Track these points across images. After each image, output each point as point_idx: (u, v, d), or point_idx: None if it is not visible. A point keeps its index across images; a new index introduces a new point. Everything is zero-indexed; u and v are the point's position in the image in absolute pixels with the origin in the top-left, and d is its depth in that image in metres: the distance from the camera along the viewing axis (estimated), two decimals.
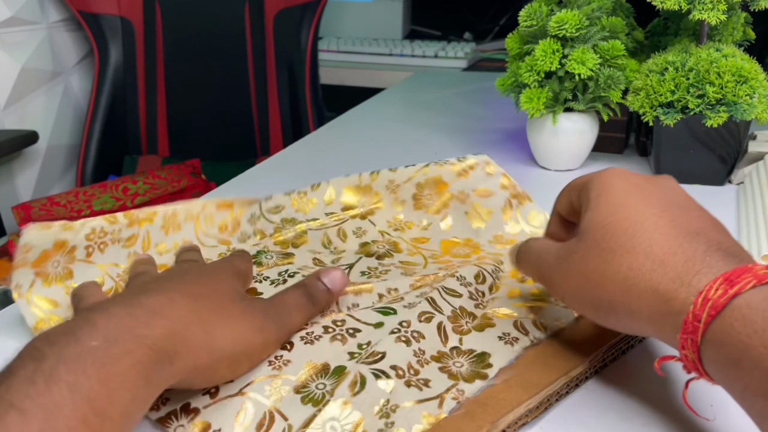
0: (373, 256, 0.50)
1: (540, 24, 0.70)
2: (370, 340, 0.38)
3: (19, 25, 1.45)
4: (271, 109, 1.64)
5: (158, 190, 1.37)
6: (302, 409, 0.34)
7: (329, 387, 0.35)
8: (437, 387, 0.35)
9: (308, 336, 0.39)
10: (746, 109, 0.64)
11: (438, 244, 0.52)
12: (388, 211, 0.55)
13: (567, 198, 0.39)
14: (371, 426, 0.32)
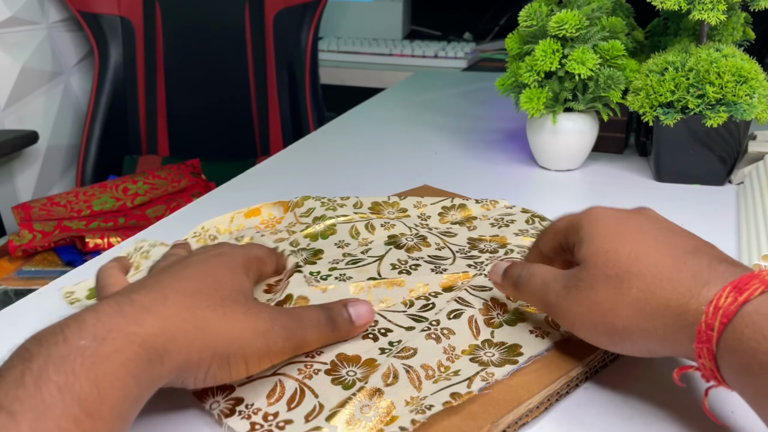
0: (402, 248, 0.51)
1: (540, 24, 0.70)
2: (401, 339, 0.39)
3: (19, 25, 1.45)
4: (271, 109, 1.64)
5: (158, 190, 1.37)
6: (332, 388, 0.34)
7: (360, 375, 0.36)
8: (467, 373, 0.36)
9: None
10: (746, 109, 0.64)
11: (465, 239, 0.54)
12: (415, 219, 0.58)
13: (554, 240, 0.40)
14: (402, 412, 0.33)
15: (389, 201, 0.60)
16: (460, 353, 0.38)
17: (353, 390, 0.34)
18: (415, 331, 0.39)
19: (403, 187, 0.71)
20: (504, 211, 0.60)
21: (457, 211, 0.59)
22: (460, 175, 0.76)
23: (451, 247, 0.52)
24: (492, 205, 0.61)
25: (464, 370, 0.36)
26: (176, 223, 0.63)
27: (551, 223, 0.41)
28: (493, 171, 0.77)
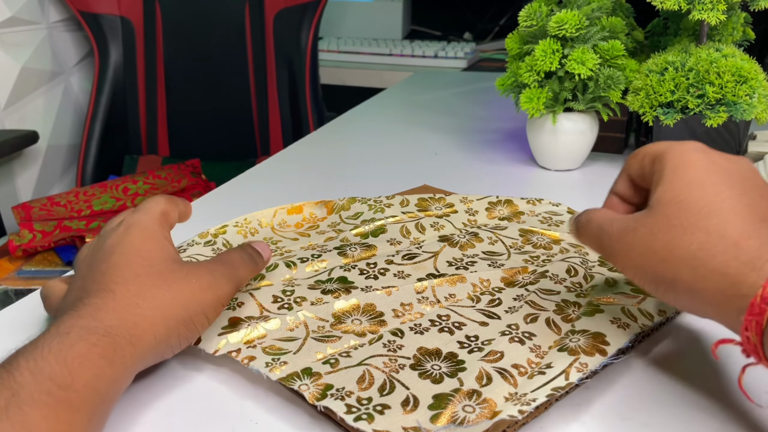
0: (456, 246, 0.51)
1: (540, 24, 0.70)
2: (477, 334, 0.40)
3: (19, 25, 1.45)
4: (271, 109, 1.64)
5: (158, 190, 1.37)
6: (421, 382, 0.35)
7: (445, 369, 0.36)
8: (559, 365, 0.35)
9: (417, 327, 0.41)
10: (746, 109, 0.64)
11: (516, 232, 0.54)
12: (462, 215, 0.59)
13: (639, 164, 0.38)
14: (505, 406, 0.33)
15: (435, 197, 0.61)
16: (547, 349, 0.38)
17: (445, 387, 0.34)
18: (492, 330, 0.40)
19: (403, 187, 0.71)
20: (550, 208, 0.61)
21: (503, 206, 0.60)
22: (460, 175, 0.76)
23: (504, 241, 0.53)
24: (537, 201, 0.61)
25: (556, 362, 0.36)
26: None
27: (642, 147, 0.39)
28: (493, 171, 0.77)
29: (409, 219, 0.56)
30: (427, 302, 0.43)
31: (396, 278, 0.46)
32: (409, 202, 0.60)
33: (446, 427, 0.31)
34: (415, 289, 0.45)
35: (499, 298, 0.44)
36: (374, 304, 0.43)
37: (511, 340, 0.39)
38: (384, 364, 0.37)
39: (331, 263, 0.49)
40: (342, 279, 0.46)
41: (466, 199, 0.61)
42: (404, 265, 0.48)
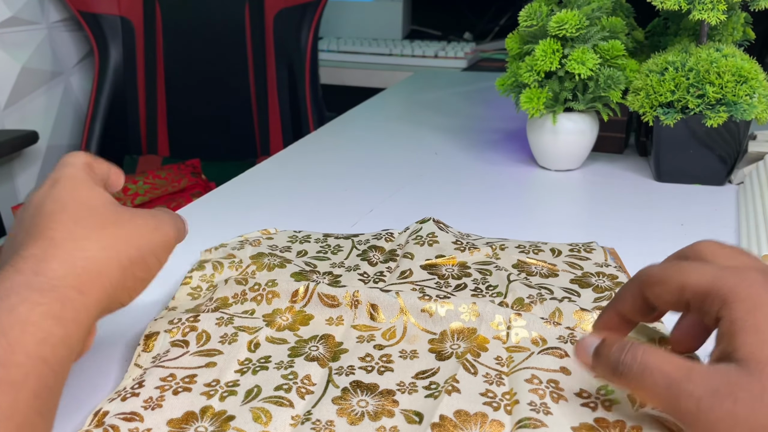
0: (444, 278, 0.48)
1: (540, 24, 0.70)
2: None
3: (19, 25, 1.45)
4: (271, 109, 1.64)
5: (158, 190, 1.37)
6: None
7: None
8: None
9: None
10: (746, 109, 0.64)
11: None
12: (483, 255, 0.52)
13: (673, 296, 0.31)
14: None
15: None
16: None
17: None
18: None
19: (402, 187, 0.71)
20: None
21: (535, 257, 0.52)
22: (460, 175, 0.76)
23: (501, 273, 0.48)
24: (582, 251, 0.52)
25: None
26: None
27: (669, 272, 0.31)
28: (493, 171, 0.77)
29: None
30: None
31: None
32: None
33: None
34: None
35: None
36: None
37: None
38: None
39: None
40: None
41: (494, 245, 0.53)
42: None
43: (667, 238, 0.57)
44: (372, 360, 0.39)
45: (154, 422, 0.33)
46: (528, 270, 0.49)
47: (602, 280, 0.47)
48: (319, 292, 0.44)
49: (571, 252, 0.52)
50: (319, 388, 0.36)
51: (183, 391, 0.36)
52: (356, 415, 0.34)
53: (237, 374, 0.37)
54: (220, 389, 0.36)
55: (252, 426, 0.32)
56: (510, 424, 0.32)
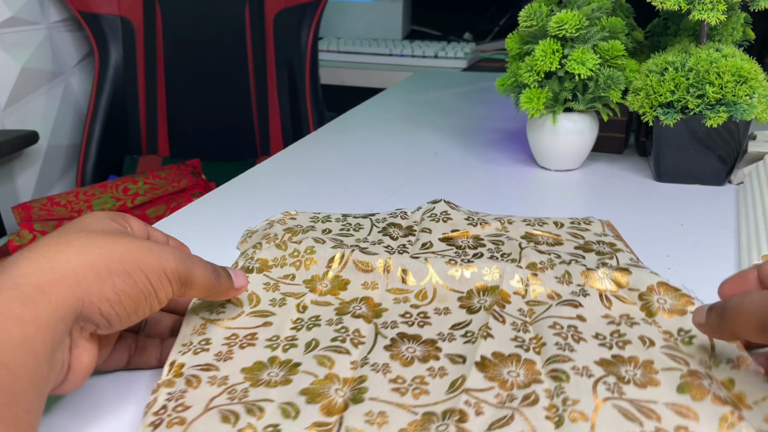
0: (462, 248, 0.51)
1: (540, 24, 0.70)
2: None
3: (19, 25, 1.45)
4: (271, 109, 1.64)
5: (158, 190, 1.37)
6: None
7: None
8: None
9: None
10: (746, 109, 0.64)
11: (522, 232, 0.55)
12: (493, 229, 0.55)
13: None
14: None
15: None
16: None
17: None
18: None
19: (402, 187, 0.71)
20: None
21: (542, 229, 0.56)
22: (460, 175, 0.76)
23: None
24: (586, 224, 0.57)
25: None
26: (176, 223, 0.63)
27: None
28: (493, 171, 0.77)
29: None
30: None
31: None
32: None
33: None
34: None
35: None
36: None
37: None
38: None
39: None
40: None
41: (503, 219, 0.56)
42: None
43: (667, 238, 0.57)
44: (411, 317, 0.42)
45: (229, 371, 0.37)
46: (535, 240, 0.53)
47: (602, 247, 0.52)
48: (354, 259, 0.47)
49: (572, 224, 0.57)
50: (369, 339, 0.40)
51: (248, 346, 0.39)
52: (407, 359, 0.38)
53: (293, 331, 0.41)
54: (281, 343, 0.39)
55: (319, 369, 0.36)
56: (541, 362, 0.37)
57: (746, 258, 0.51)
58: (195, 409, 0.34)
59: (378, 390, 0.35)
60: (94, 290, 0.31)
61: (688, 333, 0.39)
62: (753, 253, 0.51)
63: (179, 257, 0.35)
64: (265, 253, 0.48)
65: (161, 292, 0.34)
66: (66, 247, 0.31)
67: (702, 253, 0.54)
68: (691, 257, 0.53)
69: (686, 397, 0.33)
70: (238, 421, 0.32)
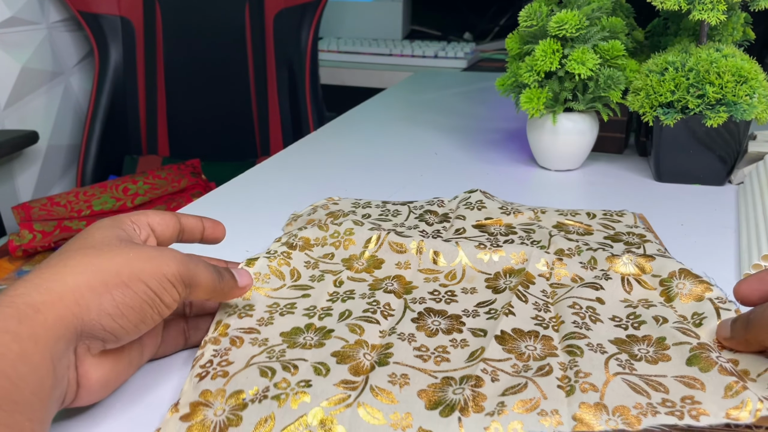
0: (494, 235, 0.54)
1: (540, 24, 0.70)
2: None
3: (19, 25, 1.45)
4: (271, 109, 1.64)
5: (158, 190, 1.37)
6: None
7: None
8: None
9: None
10: (746, 109, 0.64)
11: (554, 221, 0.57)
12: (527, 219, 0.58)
13: None
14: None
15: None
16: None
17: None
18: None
19: (401, 187, 0.71)
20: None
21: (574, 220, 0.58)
22: (460, 175, 0.76)
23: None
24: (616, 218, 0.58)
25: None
26: None
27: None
28: (493, 171, 0.77)
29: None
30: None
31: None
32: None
33: None
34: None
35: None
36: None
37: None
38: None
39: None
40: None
41: (536, 210, 0.59)
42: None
43: (667, 238, 0.57)
44: (439, 294, 0.45)
45: (269, 334, 0.40)
46: (566, 229, 0.55)
47: (632, 238, 0.53)
48: (389, 240, 0.51)
49: (604, 215, 0.59)
50: (398, 312, 0.43)
51: (287, 313, 0.43)
52: (432, 331, 0.41)
53: (329, 302, 0.44)
54: (317, 312, 0.43)
55: (350, 336, 0.39)
56: (558, 338, 0.39)
57: (746, 258, 0.51)
58: (237, 364, 0.37)
59: (402, 355, 0.38)
60: (93, 307, 0.32)
61: (700, 316, 0.40)
62: (753, 253, 0.51)
63: (181, 260, 0.36)
64: (308, 232, 0.52)
65: (166, 296, 0.35)
66: (63, 267, 0.32)
67: (702, 253, 0.54)
68: (691, 257, 0.53)
69: (695, 369, 0.35)
70: (274, 376, 0.36)
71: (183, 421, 0.33)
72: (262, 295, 0.45)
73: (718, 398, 0.32)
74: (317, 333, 0.40)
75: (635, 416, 0.32)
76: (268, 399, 0.34)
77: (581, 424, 0.31)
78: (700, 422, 0.31)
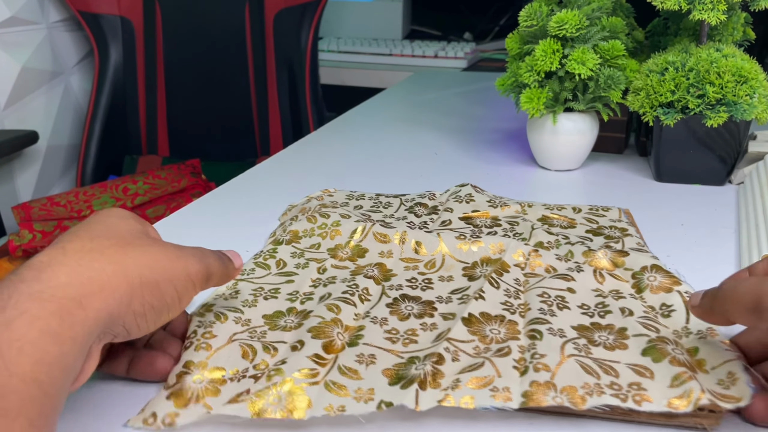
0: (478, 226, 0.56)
1: (540, 24, 0.70)
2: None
3: (19, 25, 1.45)
4: (271, 109, 1.64)
5: (158, 190, 1.37)
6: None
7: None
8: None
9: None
10: (746, 109, 0.64)
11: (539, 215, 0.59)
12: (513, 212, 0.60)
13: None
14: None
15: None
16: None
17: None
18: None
19: (402, 188, 0.71)
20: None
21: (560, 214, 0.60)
22: (460, 176, 0.76)
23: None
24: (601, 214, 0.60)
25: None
26: (176, 223, 0.63)
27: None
28: (493, 171, 0.77)
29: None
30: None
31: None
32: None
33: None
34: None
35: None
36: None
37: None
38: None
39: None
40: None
41: (523, 205, 0.61)
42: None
43: (667, 238, 0.57)
44: (416, 282, 0.47)
45: (252, 315, 0.43)
46: (550, 222, 0.57)
47: (613, 231, 0.55)
48: (374, 231, 0.53)
49: (590, 210, 0.60)
50: (374, 297, 0.45)
51: (271, 297, 0.45)
52: (404, 315, 0.43)
53: (311, 288, 0.47)
54: (299, 297, 0.45)
55: (327, 314, 0.41)
56: (522, 323, 0.41)
57: (746, 258, 0.51)
58: (220, 339, 0.39)
59: (372, 337, 0.40)
60: (125, 302, 0.31)
61: (669, 307, 0.42)
62: (753, 253, 0.51)
63: (198, 257, 0.36)
64: (297, 225, 0.55)
65: (186, 298, 0.35)
66: (99, 255, 0.31)
67: (702, 253, 0.54)
68: (691, 257, 0.53)
69: (647, 359, 0.36)
70: (255, 357, 0.38)
71: (165, 390, 0.36)
72: (248, 283, 0.47)
73: (664, 387, 0.33)
74: (298, 316, 0.43)
75: (581, 396, 0.33)
76: (246, 378, 0.36)
77: (529, 400, 0.33)
78: (642, 407, 0.32)
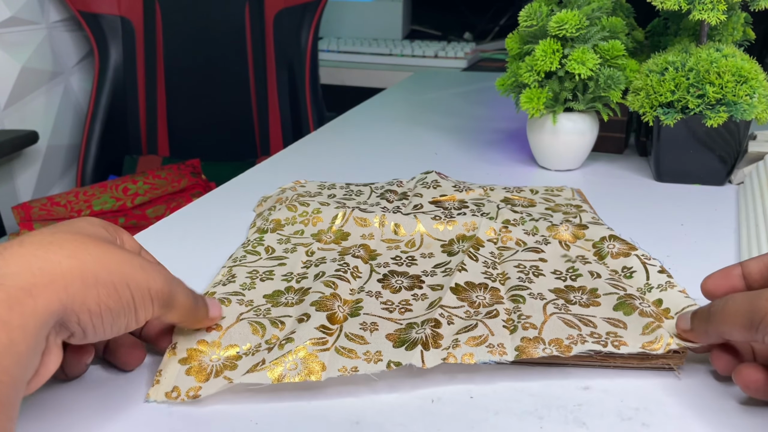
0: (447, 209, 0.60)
1: (540, 24, 0.70)
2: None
3: (19, 25, 1.45)
4: (271, 109, 1.64)
5: (158, 190, 1.37)
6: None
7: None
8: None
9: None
10: (746, 109, 0.64)
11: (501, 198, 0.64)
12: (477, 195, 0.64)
13: None
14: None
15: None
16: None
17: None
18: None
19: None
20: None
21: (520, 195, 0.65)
22: (460, 175, 0.76)
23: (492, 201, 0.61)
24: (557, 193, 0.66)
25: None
26: (176, 223, 0.63)
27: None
28: (493, 171, 0.77)
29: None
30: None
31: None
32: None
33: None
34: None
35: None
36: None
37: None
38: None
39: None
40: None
41: (485, 188, 0.65)
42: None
43: (667, 238, 0.57)
44: (401, 259, 0.51)
45: (253, 296, 0.45)
46: (512, 203, 0.62)
47: (569, 209, 0.60)
48: (354, 216, 0.56)
49: (546, 191, 0.66)
50: (365, 275, 0.48)
51: (267, 279, 0.48)
52: (395, 288, 0.47)
53: (303, 269, 0.49)
54: (294, 277, 0.48)
55: (325, 290, 0.44)
56: (504, 290, 0.45)
57: (746, 258, 0.51)
58: (228, 319, 0.42)
59: (371, 308, 0.44)
60: (78, 298, 0.30)
61: (630, 269, 0.47)
62: (753, 253, 0.51)
63: (166, 278, 0.35)
64: (278, 214, 0.57)
65: (141, 312, 0.33)
66: (58, 248, 0.30)
67: (702, 253, 0.54)
68: (691, 257, 0.53)
69: (619, 313, 0.42)
70: (265, 333, 0.41)
71: (182, 364, 0.38)
72: (243, 267, 0.49)
73: (637, 335, 0.39)
74: (297, 293, 0.45)
75: (567, 345, 0.38)
76: (260, 351, 0.39)
77: (522, 353, 0.38)
78: (620, 350, 0.38)
